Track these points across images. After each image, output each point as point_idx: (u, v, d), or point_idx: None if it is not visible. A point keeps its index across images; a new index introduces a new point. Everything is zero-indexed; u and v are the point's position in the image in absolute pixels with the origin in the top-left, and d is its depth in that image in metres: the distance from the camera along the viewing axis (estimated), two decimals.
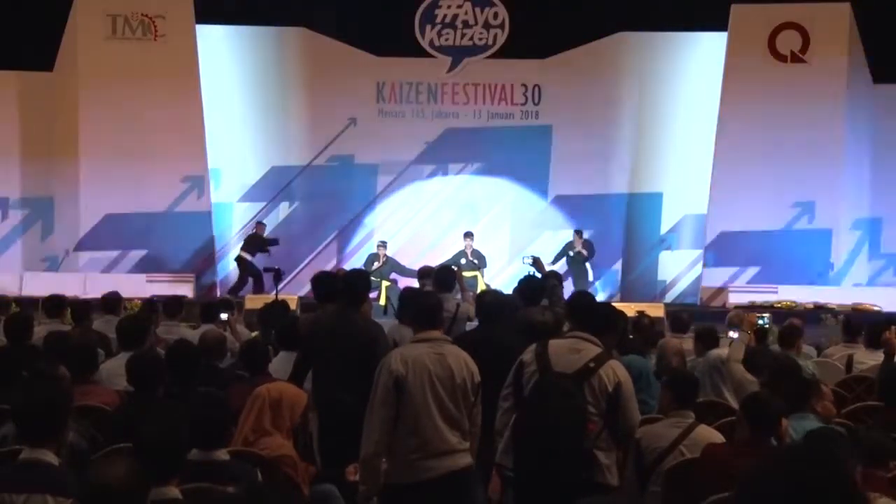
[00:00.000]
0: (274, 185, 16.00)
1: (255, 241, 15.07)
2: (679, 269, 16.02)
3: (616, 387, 4.54)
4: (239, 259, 15.05)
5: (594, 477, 4.48)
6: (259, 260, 14.90)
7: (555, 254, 14.88)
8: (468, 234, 14.95)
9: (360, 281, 6.01)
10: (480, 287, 13.07)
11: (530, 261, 8.40)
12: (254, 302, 12.47)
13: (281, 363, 6.28)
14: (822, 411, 5.16)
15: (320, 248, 15.85)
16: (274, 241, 15.23)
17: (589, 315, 4.94)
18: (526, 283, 6.80)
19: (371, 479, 4.46)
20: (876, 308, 14.02)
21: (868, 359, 7.87)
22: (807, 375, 5.71)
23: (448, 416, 4.49)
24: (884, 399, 5.49)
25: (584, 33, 15.77)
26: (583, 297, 5.54)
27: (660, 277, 16.05)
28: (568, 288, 12.18)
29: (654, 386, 6.36)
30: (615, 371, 4.58)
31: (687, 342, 7.97)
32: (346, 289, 5.83)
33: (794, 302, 14.21)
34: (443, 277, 7.55)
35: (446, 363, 4.52)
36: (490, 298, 6.30)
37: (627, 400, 4.57)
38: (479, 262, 14.71)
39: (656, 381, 6.43)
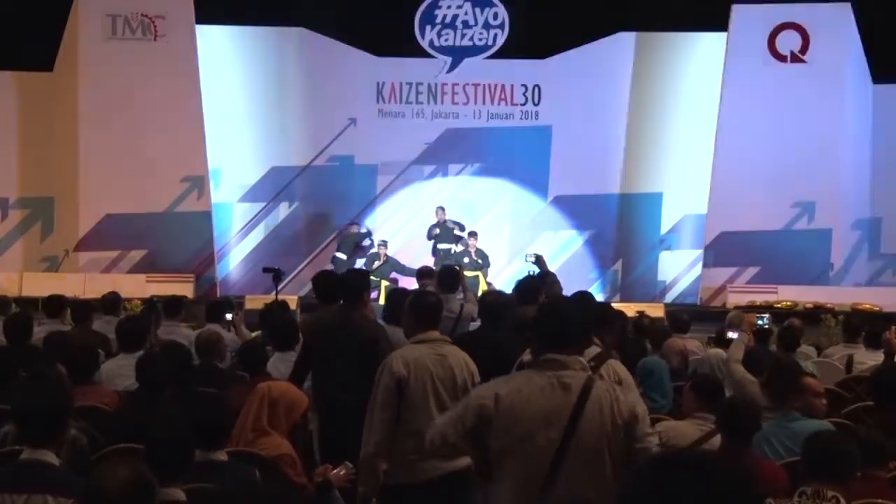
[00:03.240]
0: (274, 186, 16.00)
1: (350, 242, 14.89)
2: (679, 269, 16.03)
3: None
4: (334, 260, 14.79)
5: None
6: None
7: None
8: (472, 234, 14.95)
9: (360, 280, 6.01)
10: (482, 287, 13.08)
11: (533, 258, 8.40)
12: (254, 302, 12.48)
13: (276, 364, 6.28)
14: (803, 408, 5.03)
15: (320, 247, 15.85)
16: (366, 234, 15.33)
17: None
18: (524, 283, 6.80)
19: (370, 480, 4.46)
20: (876, 308, 14.02)
21: (868, 359, 7.87)
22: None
23: None
24: (877, 400, 5.47)
25: (584, 33, 15.77)
26: (582, 296, 5.55)
27: (660, 278, 16.05)
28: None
29: (665, 385, 6.42)
30: (616, 370, 4.58)
31: (690, 342, 8.00)
32: (346, 288, 5.83)
33: (794, 302, 14.22)
34: (446, 278, 7.56)
35: (447, 364, 4.53)
36: (492, 299, 6.31)
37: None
38: (482, 261, 14.73)
39: (669, 380, 6.49)
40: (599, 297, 14.76)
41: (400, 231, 16.01)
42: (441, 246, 15.00)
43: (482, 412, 3.27)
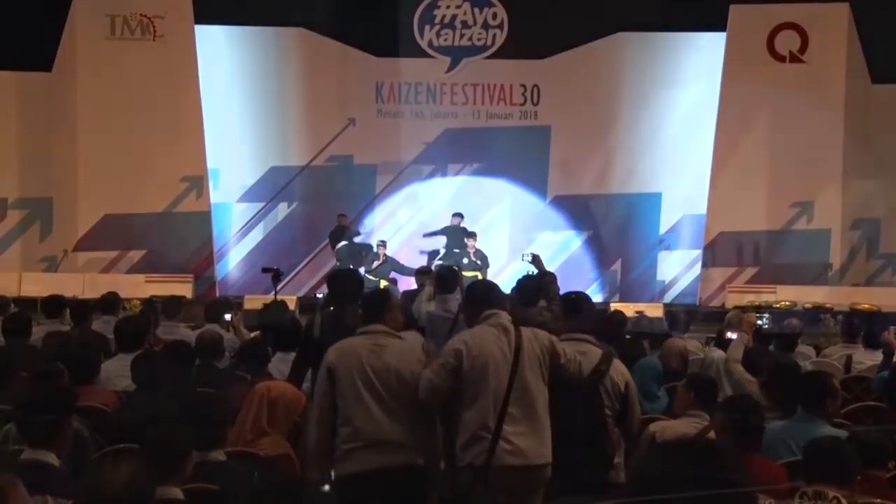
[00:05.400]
0: (273, 186, 15.98)
1: (340, 234, 14.95)
2: (678, 269, 16.01)
3: (626, 385, 4.65)
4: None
5: (609, 477, 4.52)
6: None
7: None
8: (471, 234, 14.93)
9: (354, 279, 6.06)
10: None
11: (530, 258, 8.41)
12: (253, 302, 12.46)
13: (277, 364, 6.28)
14: (833, 412, 5.10)
15: (319, 248, 15.83)
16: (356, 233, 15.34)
17: (569, 305, 5.09)
18: (523, 283, 6.80)
19: (317, 467, 4.50)
20: (875, 308, 14.01)
21: (867, 359, 7.88)
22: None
23: (389, 409, 4.44)
24: (886, 400, 5.47)
25: (583, 33, 15.75)
26: (581, 296, 5.55)
27: (659, 277, 16.04)
28: None
29: (652, 387, 6.40)
30: (621, 371, 4.67)
31: (689, 342, 8.00)
32: (342, 288, 5.87)
33: (793, 302, 14.21)
34: (445, 278, 7.55)
35: (384, 356, 4.49)
36: None
37: (635, 397, 4.69)
38: (481, 262, 14.71)
39: (657, 381, 6.47)
40: (598, 298, 14.85)
41: (399, 231, 16.01)
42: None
43: (457, 354, 4.43)
